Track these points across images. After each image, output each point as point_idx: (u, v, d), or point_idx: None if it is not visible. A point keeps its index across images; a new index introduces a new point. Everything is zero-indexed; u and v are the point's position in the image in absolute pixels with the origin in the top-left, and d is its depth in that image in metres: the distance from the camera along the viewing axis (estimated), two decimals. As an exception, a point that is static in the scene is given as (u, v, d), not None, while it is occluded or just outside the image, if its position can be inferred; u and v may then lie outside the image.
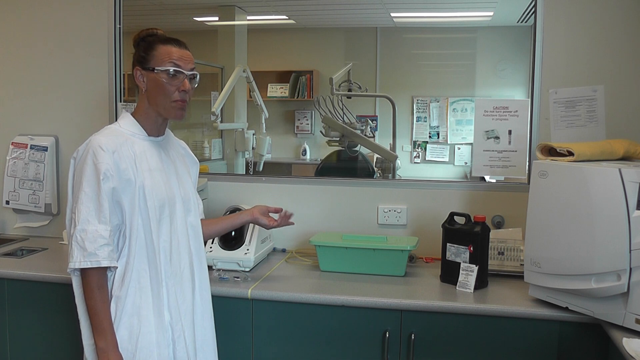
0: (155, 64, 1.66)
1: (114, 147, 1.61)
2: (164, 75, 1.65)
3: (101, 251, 1.55)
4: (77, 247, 1.54)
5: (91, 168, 1.57)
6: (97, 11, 2.80)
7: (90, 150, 1.59)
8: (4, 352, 2.29)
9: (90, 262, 1.54)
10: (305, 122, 4.17)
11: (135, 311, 1.61)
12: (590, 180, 1.70)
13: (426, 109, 3.79)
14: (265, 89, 4.04)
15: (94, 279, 1.57)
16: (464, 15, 3.32)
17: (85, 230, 1.54)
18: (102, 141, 1.60)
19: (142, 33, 1.73)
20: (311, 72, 4.10)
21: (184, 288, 1.71)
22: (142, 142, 1.69)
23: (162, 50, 1.67)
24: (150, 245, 1.64)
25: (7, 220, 2.97)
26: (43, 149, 2.85)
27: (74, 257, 1.54)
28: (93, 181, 1.56)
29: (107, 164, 1.57)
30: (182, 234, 1.73)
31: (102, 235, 1.55)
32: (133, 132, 1.69)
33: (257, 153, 3.05)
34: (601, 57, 2.36)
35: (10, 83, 2.96)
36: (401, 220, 2.57)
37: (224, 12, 3.53)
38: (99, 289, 1.57)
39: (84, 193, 1.56)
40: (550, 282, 1.83)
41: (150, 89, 1.68)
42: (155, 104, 1.69)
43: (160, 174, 1.69)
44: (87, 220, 1.55)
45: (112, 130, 1.68)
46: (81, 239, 1.54)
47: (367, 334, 2.00)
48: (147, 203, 1.63)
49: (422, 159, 3.75)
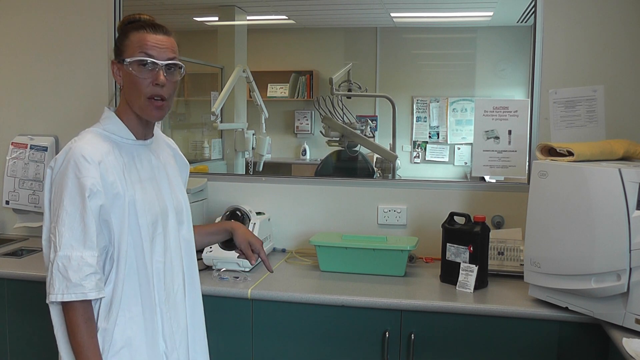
0: (126, 54, 1.42)
1: (99, 156, 1.38)
2: (134, 67, 1.41)
3: (87, 281, 1.32)
4: (58, 276, 1.32)
5: (73, 182, 1.34)
6: (97, 11, 2.80)
7: (72, 161, 1.35)
8: (4, 352, 2.29)
9: (74, 295, 1.32)
10: (305, 122, 4.16)
11: (125, 343, 1.40)
12: (590, 180, 1.70)
13: (426, 109, 3.79)
14: (265, 89, 4.04)
15: (79, 312, 1.34)
16: (464, 15, 3.32)
17: (68, 257, 1.32)
18: (85, 150, 1.37)
19: (124, 20, 1.48)
20: (311, 72, 4.10)
21: (177, 311, 1.51)
22: (131, 147, 1.47)
23: (134, 38, 1.42)
24: (142, 269, 1.43)
25: (7, 220, 2.97)
26: (43, 149, 2.85)
27: (55, 288, 1.32)
28: (76, 198, 1.33)
29: (93, 177, 1.35)
30: (176, 251, 1.52)
31: (88, 262, 1.33)
32: (120, 136, 1.47)
33: (257, 153, 3.05)
34: (601, 57, 2.36)
35: (10, 83, 2.96)
36: (401, 220, 2.57)
37: (224, 12, 3.53)
38: (85, 322, 1.35)
39: (65, 212, 1.33)
40: (550, 282, 1.83)
41: (125, 84, 1.45)
42: (130, 101, 1.45)
43: (152, 184, 1.49)
44: (70, 246, 1.32)
45: (95, 134, 1.44)
46: (64, 267, 1.32)
47: (367, 334, 2.00)
48: (139, 220, 1.42)
49: (422, 159, 3.75)
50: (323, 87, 3.62)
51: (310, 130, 4.15)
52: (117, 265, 1.40)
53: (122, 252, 1.40)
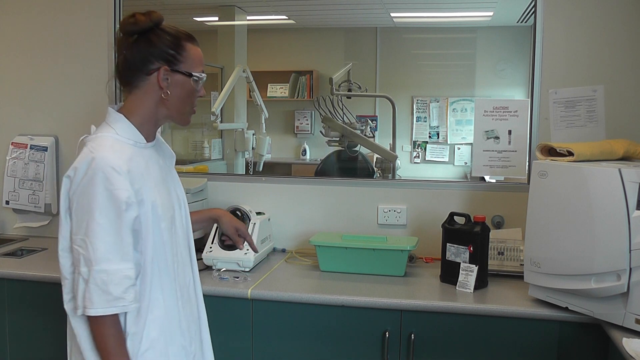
0: (189, 67, 1.44)
1: (126, 165, 1.35)
2: (194, 82, 1.46)
3: (128, 294, 1.33)
4: (97, 291, 1.30)
5: (104, 195, 1.31)
6: (97, 11, 2.80)
7: (99, 172, 1.32)
8: (4, 352, 2.29)
9: (116, 308, 1.32)
10: (305, 122, 4.16)
11: (150, 345, 1.41)
12: (590, 180, 1.70)
13: (426, 109, 3.79)
14: (265, 89, 4.04)
15: (111, 324, 1.35)
16: (464, 15, 3.32)
17: (106, 271, 1.30)
18: (112, 160, 1.34)
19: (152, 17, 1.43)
20: (311, 72, 4.10)
21: (191, 304, 1.57)
22: (143, 151, 1.46)
23: (194, 52, 1.46)
24: (164, 270, 1.45)
25: (7, 220, 2.97)
26: (43, 149, 2.85)
27: (94, 303, 1.30)
28: (110, 211, 1.31)
29: (127, 190, 1.33)
30: (184, 246, 1.56)
31: (127, 275, 1.33)
32: (135, 140, 1.44)
33: (257, 153, 3.05)
34: (601, 57, 2.36)
35: (10, 83, 2.96)
36: (401, 220, 2.57)
37: (224, 12, 3.53)
38: (117, 332, 1.36)
39: (98, 225, 1.31)
40: (550, 282, 1.83)
41: (175, 94, 1.44)
42: (173, 109, 1.47)
43: (164, 186, 1.49)
44: (107, 259, 1.31)
45: (113, 141, 1.40)
46: (102, 281, 1.30)
47: (367, 334, 2.00)
48: (161, 224, 1.42)
49: (422, 159, 3.75)
50: (323, 87, 3.62)
51: (310, 130, 4.15)
52: (144, 271, 1.40)
53: (148, 258, 1.40)
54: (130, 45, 1.42)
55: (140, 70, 1.42)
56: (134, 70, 1.43)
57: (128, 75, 1.45)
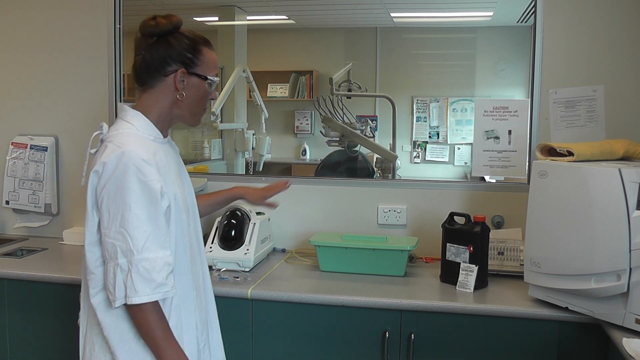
0: (205, 70, 1.51)
1: (153, 158, 1.42)
2: (208, 85, 1.53)
3: (170, 280, 1.38)
4: (140, 279, 1.34)
5: (138, 186, 1.36)
6: (97, 11, 2.80)
7: (131, 164, 1.36)
8: (4, 352, 2.29)
9: (160, 294, 1.37)
10: (305, 122, 4.16)
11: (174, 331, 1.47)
12: (590, 180, 1.70)
13: (426, 109, 3.79)
14: (265, 89, 4.03)
15: (155, 310, 1.39)
16: (464, 15, 3.32)
17: (147, 259, 1.35)
18: (141, 153, 1.39)
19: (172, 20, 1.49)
20: (311, 72, 4.09)
21: (201, 297, 1.62)
22: (162, 146, 1.52)
23: (209, 56, 1.53)
24: (184, 261, 1.51)
25: (7, 220, 2.97)
26: (43, 149, 2.85)
27: (139, 291, 1.34)
28: (145, 202, 1.36)
29: (159, 181, 1.39)
30: (195, 242, 1.61)
31: (167, 262, 1.38)
32: (154, 136, 1.50)
33: (257, 153, 3.05)
34: (601, 57, 2.36)
35: (10, 83, 2.96)
36: (401, 220, 2.57)
37: (223, 12, 3.53)
38: (161, 319, 1.41)
39: (135, 216, 1.35)
40: (550, 282, 1.83)
41: (189, 95, 1.50)
42: (186, 110, 1.53)
43: (180, 180, 1.56)
44: (147, 248, 1.35)
45: (136, 136, 1.45)
46: (145, 269, 1.34)
47: (367, 334, 2.00)
48: (182, 216, 1.50)
49: (422, 159, 3.74)
50: (323, 87, 3.62)
51: (310, 130, 4.14)
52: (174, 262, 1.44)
53: (172, 249, 1.45)
54: (149, 46, 1.48)
55: (157, 71, 1.48)
56: (151, 70, 1.48)
57: (145, 75, 1.50)
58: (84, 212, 1.44)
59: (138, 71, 1.51)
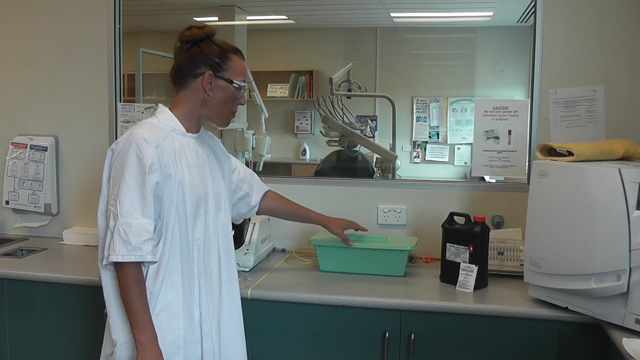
0: (231, 75, 1.68)
1: (156, 141, 1.58)
2: (235, 89, 1.69)
3: (145, 245, 1.51)
4: (119, 240, 1.49)
5: (134, 161, 1.54)
6: (97, 11, 2.80)
7: (134, 143, 1.55)
8: (4, 352, 2.29)
9: (134, 256, 1.50)
10: (305, 122, 4.17)
11: (164, 307, 1.59)
12: (590, 180, 1.70)
13: (426, 109, 3.79)
14: (265, 89, 4.04)
15: (134, 273, 1.53)
16: (464, 15, 3.32)
17: (129, 223, 1.50)
18: (145, 135, 1.57)
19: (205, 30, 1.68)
20: (311, 72, 4.10)
21: (213, 285, 1.70)
22: (181, 138, 1.68)
23: (237, 63, 1.70)
24: (184, 242, 1.62)
25: (7, 220, 2.97)
26: (43, 149, 2.85)
27: (116, 250, 1.49)
28: (137, 174, 1.53)
29: (152, 157, 1.55)
30: (214, 232, 1.72)
31: (146, 229, 1.52)
32: (173, 127, 1.67)
33: (257, 153, 3.04)
34: (601, 57, 2.36)
35: (10, 83, 2.96)
36: (401, 220, 2.57)
37: (223, 12, 3.53)
38: (137, 284, 1.53)
39: (126, 185, 1.52)
40: (550, 282, 1.83)
41: (216, 97, 1.68)
42: (213, 110, 1.70)
43: (197, 171, 1.68)
44: (130, 214, 1.51)
45: (152, 124, 1.65)
46: (124, 232, 1.50)
47: (367, 334, 1.99)
48: (185, 200, 1.62)
49: (421, 159, 3.75)
50: (323, 87, 3.62)
51: (310, 130, 4.15)
52: (165, 237, 1.59)
53: (170, 226, 1.59)
54: (184, 52, 1.68)
55: (188, 72, 1.67)
56: (184, 73, 1.68)
57: (179, 77, 1.69)
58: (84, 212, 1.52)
59: (173, 74, 1.70)
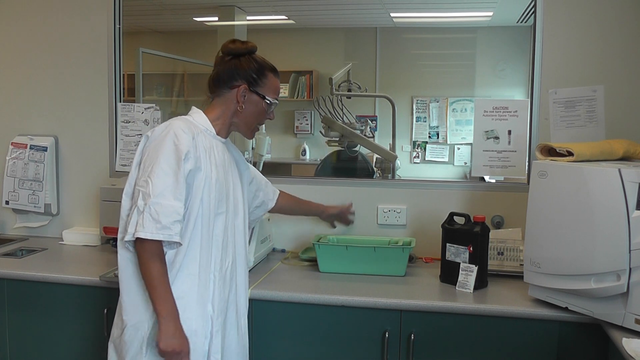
0: (265, 92, 1.76)
1: (192, 134, 1.64)
2: (265, 104, 1.77)
3: (175, 226, 1.55)
4: (149, 218, 1.52)
5: (171, 147, 1.59)
6: (97, 11, 2.80)
7: (171, 131, 1.61)
8: (4, 352, 2.29)
9: (162, 235, 1.53)
10: (305, 122, 4.17)
11: (180, 295, 1.60)
12: (590, 181, 1.70)
13: (426, 109, 3.80)
14: (265, 89, 4.03)
15: (157, 251, 1.56)
16: (464, 15, 3.32)
17: (160, 203, 1.53)
18: (182, 126, 1.64)
19: (247, 46, 1.77)
20: (311, 72, 4.10)
21: (226, 284, 1.74)
22: (212, 138, 1.74)
23: (273, 81, 1.78)
24: (205, 235, 1.67)
25: (7, 220, 2.97)
26: (43, 149, 2.85)
27: (145, 227, 1.52)
28: (172, 159, 1.58)
29: (188, 146, 1.61)
30: (231, 233, 1.77)
31: (177, 211, 1.56)
32: (205, 127, 1.73)
33: (257, 153, 3.04)
34: (601, 57, 2.36)
35: (10, 83, 2.96)
36: (401, 221, 2.57)
37: (223, 12, 3.53)
38: (160, 260, 1.57)
39: (160, 169, 1.56)
40: (550, 282, 1.83)
41: (248, 109, 1.75)
42: (242, 121, 1.78)
43: (223, 171, 1.74)
44: (162, 195, 1.54)
45: (187, 120, 1.71)
46: (155, 211, 1.53)
47: (366, 334, 2.00)
48: (210, 194, 1.67)
49: (421, 159, 3.75)
50: (323, 87, 3.62)
51: (310, 130, 4.15)
52: (187, 226, 1.62)
53: (192, 216, 1.63)
54: (224, 63, 1.76)
55: (225, 83, 1.75)
56: (221, 82, 1.75)
57: (216, 85, 1.76)
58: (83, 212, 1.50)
59: (211, 82, 1.77)
